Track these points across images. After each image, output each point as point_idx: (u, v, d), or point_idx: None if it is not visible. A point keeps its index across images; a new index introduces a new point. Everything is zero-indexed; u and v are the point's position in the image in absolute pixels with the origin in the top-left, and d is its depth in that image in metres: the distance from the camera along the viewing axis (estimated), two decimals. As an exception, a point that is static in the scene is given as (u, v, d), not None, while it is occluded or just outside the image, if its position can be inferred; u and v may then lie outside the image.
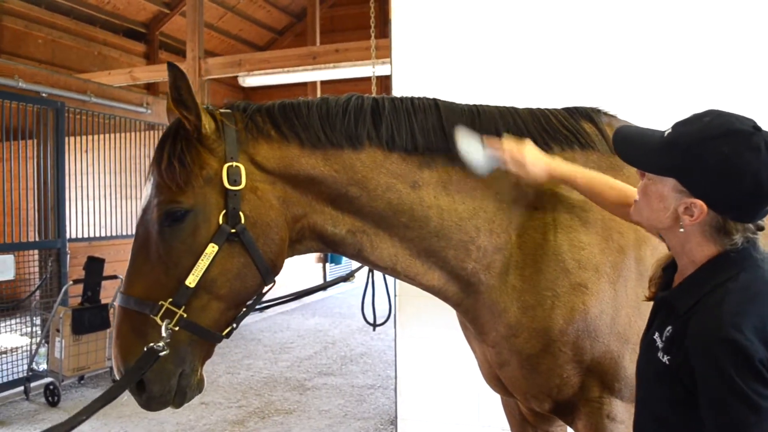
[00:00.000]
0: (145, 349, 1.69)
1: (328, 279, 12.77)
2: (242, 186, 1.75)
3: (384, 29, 4.61)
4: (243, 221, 1.74)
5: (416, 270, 1.95)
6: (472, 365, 2.39)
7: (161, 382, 1.74)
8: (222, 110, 1.87)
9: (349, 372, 6.51)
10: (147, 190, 1.81)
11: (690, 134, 1.31)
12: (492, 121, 1.96)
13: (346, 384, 6.06)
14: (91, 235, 7.24)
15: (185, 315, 1.71)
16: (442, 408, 3.92)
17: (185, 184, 1.73)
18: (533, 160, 1.82)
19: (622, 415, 1.90)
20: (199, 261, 1.71)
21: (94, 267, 6.05)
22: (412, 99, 1.96)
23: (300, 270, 11.68)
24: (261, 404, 5.49)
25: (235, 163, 1.76)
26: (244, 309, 1.89)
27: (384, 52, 4.60)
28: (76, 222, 6.99)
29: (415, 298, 3.85)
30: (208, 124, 1.77)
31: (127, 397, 1.80)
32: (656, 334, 1.39)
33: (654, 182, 1.37)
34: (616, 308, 1.86)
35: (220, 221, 1.73)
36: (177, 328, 1.71)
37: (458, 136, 1.90)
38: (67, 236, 6.63)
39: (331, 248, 1.95)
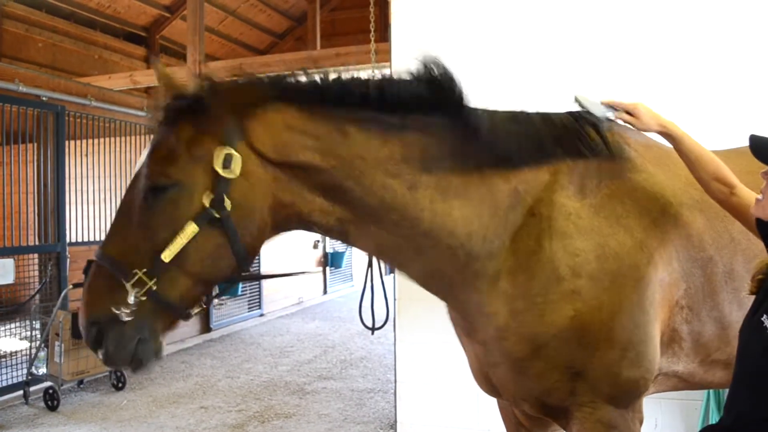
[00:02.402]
0: (111, 309, 1.72)
1: (328, 283, 12.75)
2: (233, 172, 1.75)
3: (384, 33, 4.61)
4: (227, 205, 1.75)
5: (401, 260, 1.98)
6: (470, 369, 2.39)
7: (118, 344, 1.76)
8: (238, 80, 1.89)
9: (349, 376, 6.50)
10: (143, 157, 1.84)
11: None
12: (506, 123, 1.99)
13: (345, 388, 6.06)
14: (91, 239, 7.22)
15: (155, 288, 1.73)
16: (442, 412, 3.92)
17: (177, 158, 1.76)
18: (645, 112, 1.93)
19: (616, 420, 1.89)
20: (177, 238, 1.72)
21: (94, 271, 6.03)
22: None
23: (301, 274, 11.67)
24: (260, 408, 5.48)
25: (227, 148, 1.75)
26: (217, 291, 1.91)
27: (384, 57, 4.62)
28: (76, 226, 6.98)
29: (415, 302, 3.85)
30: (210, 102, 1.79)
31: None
32: (764, 316, 1.54)
33: None
34: (609, 316, 1.85)
35: (206, 203, 1.74)
36: (144, 298, 1.73)
37: (578, 95, 1.99)
38: (67, 240, 6.62)
39: (315, 232, 1.98)
